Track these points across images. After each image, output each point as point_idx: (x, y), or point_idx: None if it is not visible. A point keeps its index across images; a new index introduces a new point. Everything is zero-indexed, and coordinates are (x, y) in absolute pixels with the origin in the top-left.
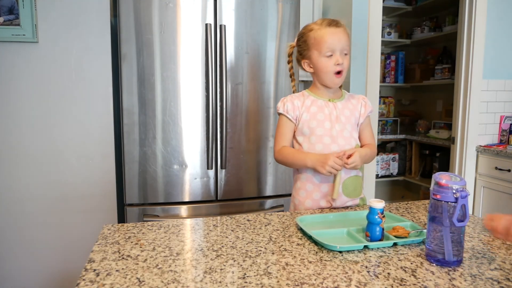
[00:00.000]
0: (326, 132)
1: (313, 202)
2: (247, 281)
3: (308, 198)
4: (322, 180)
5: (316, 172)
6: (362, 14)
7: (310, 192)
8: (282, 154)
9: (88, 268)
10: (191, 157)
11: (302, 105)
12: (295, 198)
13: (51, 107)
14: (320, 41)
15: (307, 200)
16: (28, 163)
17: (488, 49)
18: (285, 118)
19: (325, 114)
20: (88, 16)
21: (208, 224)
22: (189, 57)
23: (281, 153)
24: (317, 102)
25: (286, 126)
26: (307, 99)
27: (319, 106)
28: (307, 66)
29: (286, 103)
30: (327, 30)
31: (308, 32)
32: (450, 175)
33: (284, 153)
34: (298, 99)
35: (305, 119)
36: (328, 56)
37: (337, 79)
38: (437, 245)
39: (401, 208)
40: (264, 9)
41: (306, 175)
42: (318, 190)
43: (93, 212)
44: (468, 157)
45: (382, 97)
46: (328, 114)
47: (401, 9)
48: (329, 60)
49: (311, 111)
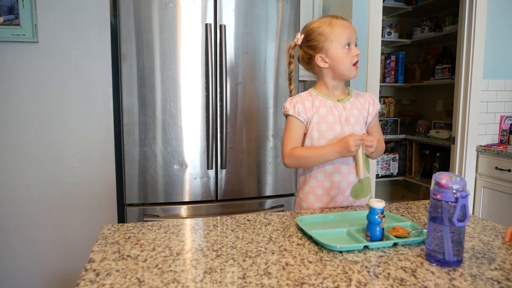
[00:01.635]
0: (337, 135)
1: (322, 205)
2: (247, 281)
3: (318, 202)
4: (333, 185)
5: (326, 177)
6: (362, 14)
7: (319, 196)
8: (294, 156)
9: (88, 268)
10: (191, 157)
11: (312, 107)
12: (304, 201)
13: (51, 107)
14: (339, 33)
15: (317, 204)
16: (28, 163)
17: (488, 49)
18: (296, 119)
19: (335, 116)
20: (88, 16)
21: (208, 224)
22: (189, 57)
23: (292, 155)
24: (326, 103)
25: (297, 128)
26: (316, 100)
27: (328, 107)
28: (322, 61)
29: (297, 104)
30: (342, 22)
31: (323, 26)
32: (450, 175)
33: (297, 155)
34: (307, 100)
35: (315, 121)
36: (346, 47)
37: (355, 70)
38: (437, 245)
39: (401, 208)
40: (264, 9)
41: (316, 180)
42: (328, 194)
43: (93, 212)
44: (468, 157)
45: (382, 97)
46: (338, 116)
47: (401, 9)
48: (348, 51)
49: (321, 113)
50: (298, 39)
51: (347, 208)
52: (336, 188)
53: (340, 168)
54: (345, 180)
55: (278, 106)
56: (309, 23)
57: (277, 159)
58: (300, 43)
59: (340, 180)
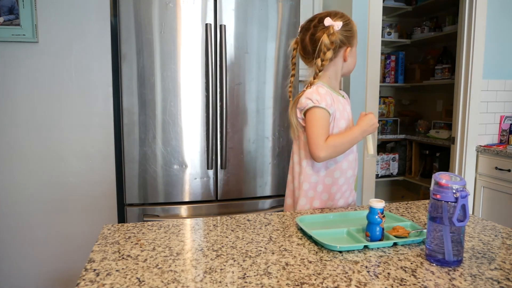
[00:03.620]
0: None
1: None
2: (247, 281)
3: (317, 199)
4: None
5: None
6: (362, 14)
7: (319, 193)
8: (332, 145)
9: (88, 268)
10: (191, 157)
11: (333, 102)
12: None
13: (51, 107)
14: (356, 33)
15: (316, 201)
16: (28, 163)
17: (488, 49)
18: (325, 112)
19: (347, 112)
20: (88, 16)
21: (208, 224)
22: (189, 57)
23: (330, 145)
24: (338, 98)
25: (327, 120)
26: (331, 95)
27: (342, 103)
28: (346, 54)
29: (326, 96)
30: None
31: (350, 21)
32: (450, 175)
33: (334, 143)
34: (328, 94)
35: (338, 117)
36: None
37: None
38: (437, 245)
39: (401, 208)
40: (264, 9)
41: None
42: (333, 199)
43: (93, 212)
44: (468, 157)
45: (382, 97)
46: (349, 112)
47: (401, 9)
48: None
49: (339, 108)
50: (337, 25)
51: (347, 208)
52: (336, 184)
53: (341, 165)
54: (343, 176)
55: (278, 106)
56: (339, 11)
57: (277, 159)
58: (338, 29)
59: (340, 176)
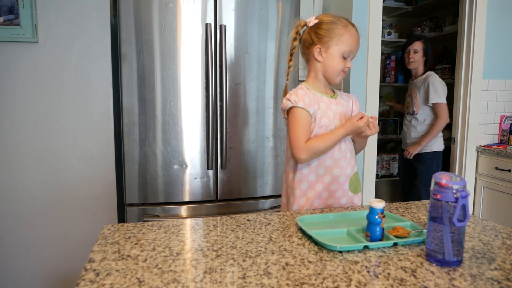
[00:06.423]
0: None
1: (321, 202)
2: (247, 281)
3: (317, 198)
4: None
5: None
6: (362, 14)
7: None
8: (311, 148)
9: (88, 268)
10: (191, 157)
11: (314, 102)
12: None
13: (51, 107)
14: (347, 41)
15: (315, 200)
16: (28, 163)
17: (488, 49)
18: (305, 112)
19: (334, 112)
20: (88, 16)
21: (208, 224)
22: (189, 57)
23: (310, 147)
24: (323, 98)
25: (307, 120)
26: (314, 96)
27: (326, 103)
28: (318, 54)
29: (305, 97)
30: (354, 33)
31: (336, 23)
32: (450, 175)
33: (314, 146)
34: (307, 95)
35: (319, 117)
36: (344, 56)
37: (338, 79)
38: (437, 245)
39: (401, 208)
40: (264, 9)
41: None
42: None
43: (93, 212)
44: (468, 157)
45: (382, 97)
46: (336, 112)
47: (401, 9)
48: (342, 62)
49: (321, 107)
50: (311, 21)
51: (347, 208)
52: (335, 182)
53: (340, 162)
54: (343, 174)
55: (278, 106)
56: (328, 13)
57: (277, 159)
58: (311, 26)
59: (340, 174)
